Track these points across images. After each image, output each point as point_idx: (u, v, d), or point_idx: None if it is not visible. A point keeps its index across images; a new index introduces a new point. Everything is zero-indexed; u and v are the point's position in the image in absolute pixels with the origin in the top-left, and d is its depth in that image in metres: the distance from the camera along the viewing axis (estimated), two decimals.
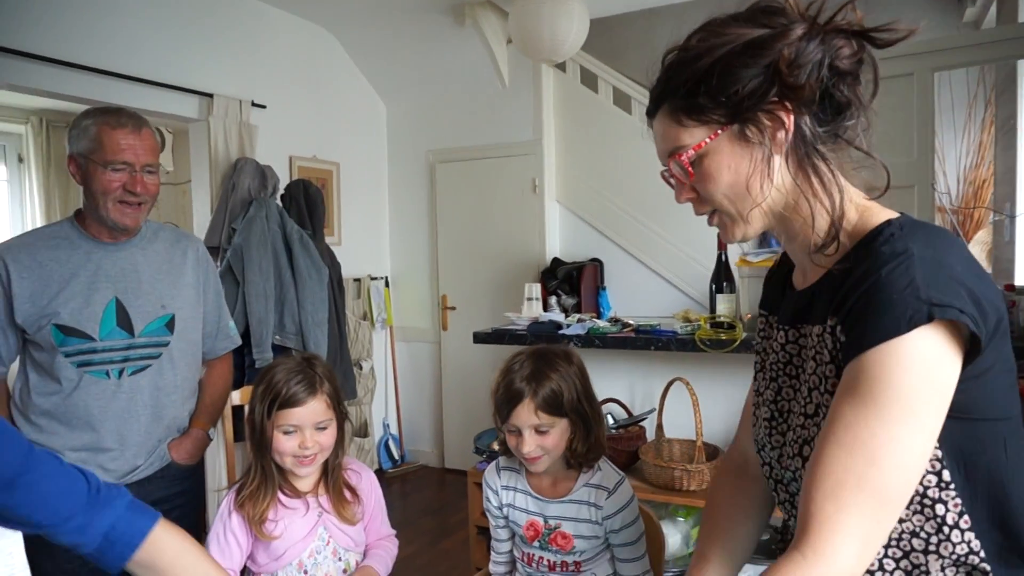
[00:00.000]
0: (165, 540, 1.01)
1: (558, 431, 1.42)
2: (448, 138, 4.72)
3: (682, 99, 0.84)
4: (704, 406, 2.16)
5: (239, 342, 2.03)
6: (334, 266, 3.85)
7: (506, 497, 1.56)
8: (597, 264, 4.30)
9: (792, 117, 0.80)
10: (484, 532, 2.24)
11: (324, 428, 1.47)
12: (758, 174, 0.82)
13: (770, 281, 1.04)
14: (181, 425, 1.81)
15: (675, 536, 2.23)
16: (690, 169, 0.85)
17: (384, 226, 4.97)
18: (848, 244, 0.82)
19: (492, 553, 1.67)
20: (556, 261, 4.32)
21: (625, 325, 2.41)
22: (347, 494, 1.54)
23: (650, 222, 4.24)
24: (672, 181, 0.90)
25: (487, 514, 1.62)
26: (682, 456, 2.28)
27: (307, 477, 1.51)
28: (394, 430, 4.87)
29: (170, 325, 1.75)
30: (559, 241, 4.50)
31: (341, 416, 1.51)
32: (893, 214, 0.83)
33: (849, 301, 0.76)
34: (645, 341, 2.24)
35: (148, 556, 0.99)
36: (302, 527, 1.48)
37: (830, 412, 0.76)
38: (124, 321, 1.68)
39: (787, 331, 0.92)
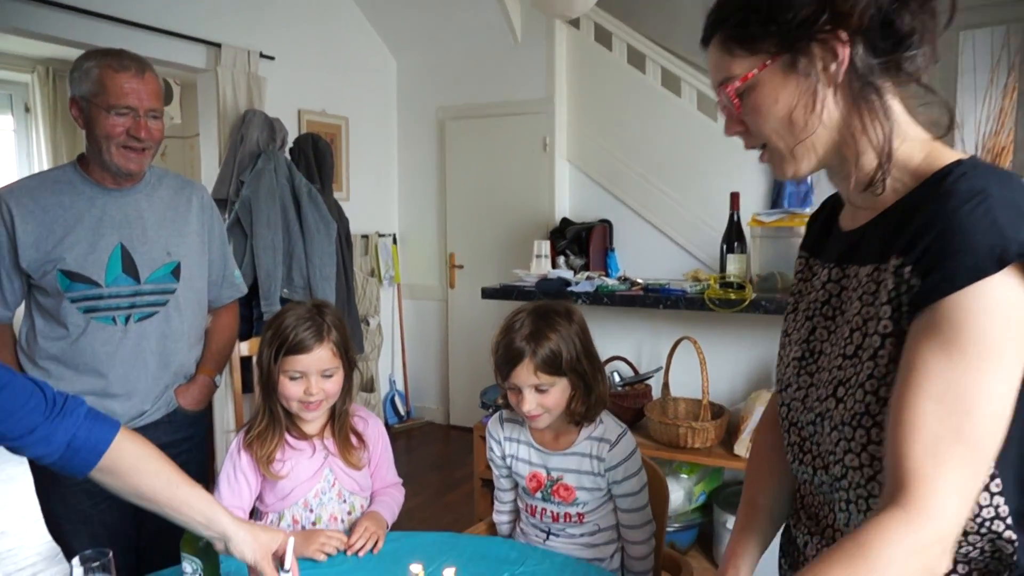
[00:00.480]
0: (127, 447, 1.09)
1: (558, 390, 1.42)
2: (459, 94, 4.66)
3: (733, 28, 0.81)
4: (711, 366, 2.16)
5: (245, 291, 2.03)
6: (342, 221, 3.84)
7: (509, 448, 1.58)
8: (606, 225, 4.27)
9: (847, 48, 0.76)
10: (488, 484, 2.27)
11: (330, 376, 1.48)
12: (808, 108, 0.79)
13: (813, 223, 1.01)
14: (188, 372, 1.82)
15: (678, 492, 2.25)
16: (736, 101, 0.82)
17: (393, 183, 4.94)
18: (911, 183, 0.79)
19: (496, 503, 1.69)
20: (565, 221, 4.30)
21: (634, 284, 2.40)
22: (353, 440, 1.55)
23: (661, 183, 4.19)
24: (723, 113, 0.88)
25: (491, 464, 1.64)
26: (687, 415, 2.29)
27: (314, 421, 1.53)
28: (400, 386, 4.91)
29: (176, 273, 1.75)
30: (569, 201, 4.47)
31: (349, 364, 1.52)
32: (961, 154, 0.79)
33: (922, 242, 0.72)
34: (654, 299, 2.23)
35: (111, 463, 1.07)
36: (308, 468, 1.51)
37: (909, 361, 0.72)
38: (130, 267, 1.67)
39: (831, 270, 0.89)
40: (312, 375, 1.45)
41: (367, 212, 4.64)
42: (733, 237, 2.31)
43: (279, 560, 1.14)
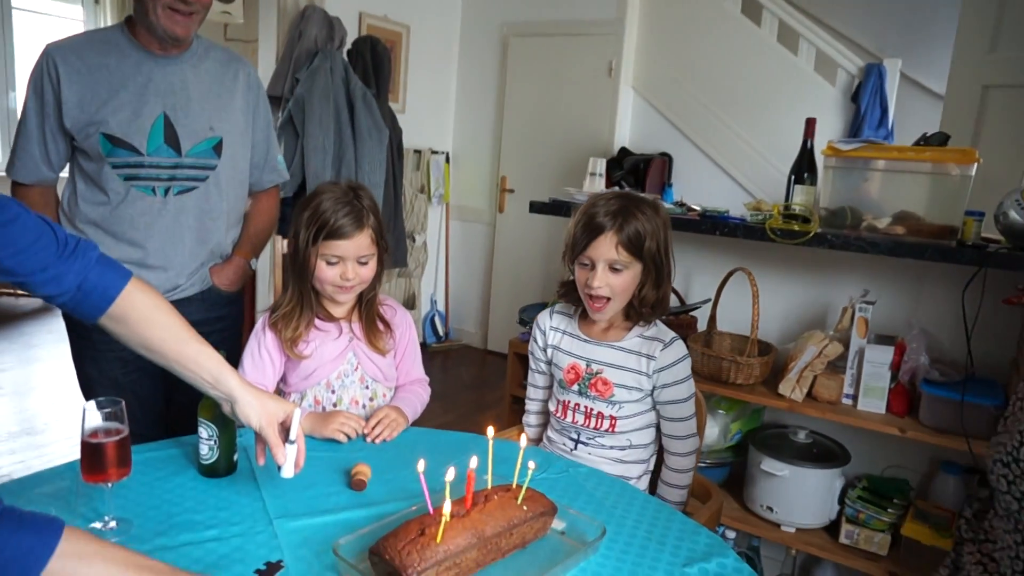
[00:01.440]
0: (138, 297, 1.07)
1: (631, 274, 1.39)
2: (525, 10, 4.45)
3: None
4: (763, 302, 2.04)
5: (287, 177, 1.99)
6: (395, 131, 3.76)
7: (553, 338, 1.56)
8: (666, 159, 4.08)
9: None
10: (519, 402, 2.23)
11: (366, 262, 1.44)
12: None
13: None
14: (224, 252, 1.80)
15: (713, 428, 2.17)
16: None
17: (450, 99, 4.82)
18: None
19: (526, 404, 1.66)
20: (624, 151, 4.13)
21: (690, 209, 2.27)
22: (379, 325, 1.52)
23: (729, 119, 3.97)
24: None
25: (530, 356, 1.62)
26: (732, 350, 2.19)
27: (343, 305, 1.50)
28: (441, 307, 4.90)
29: (218, 149, 1.70)
30: (629, 130, 4.28)
31: (382, 250, 1.47)
32: None
33: None
34: (710, 226, 2.10)
35: (121, 311, 1.05)
36: (332, 349, 1.48)
37: None
38: (172, 139, 1.63)
39: None
40: (349, 260, 1.42)
41: (421, 127, 4.54)
42: (804, 167, 2.14)
43: (286, 431, 1.11)
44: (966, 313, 1.84)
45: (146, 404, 1.72)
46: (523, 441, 1.10)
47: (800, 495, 2.05)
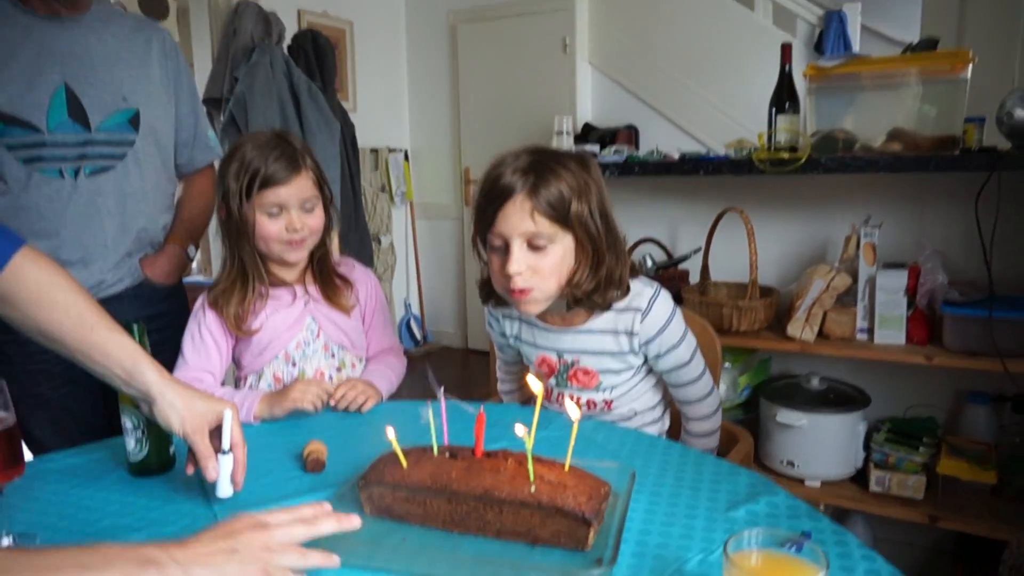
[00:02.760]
0: (30, 272, 0.87)
1: (559, 251, 1.07)
2: None
3: None
4: (758, 245, 1.87)
5: (220, 153, 1.77)
6: (347, 125, 3.56)
7: (510, 328, 1.29)
8: (632, 131, 3.94)
9: None
10: None
11: (311, 209, 1.25)
12: None
13: None
14: (155, 240, 1.58)
15: (719, 385, 2.00)
16: None
17: (403, 94, 4.64)
18: None
19: (499, 372, 1.47)
20: (587, 127, 3.97)
21: (666, 156, 2.10)
22: (337, 282, 1.32)
23: (693, 83, 3.83)
24: None
25: (490, 333, 1.38)
26: (729, 299, 2.02)
27: (293, 266, 1.30)
28: (415, 310, 4.69)
29: (134, 122, 1.49)
30: (591, 106, 4.14)
31: (326, 198, 1.28)
32: None
33: None
34: (693, 165, 1.93)
35: (8, 287, 0.86)
36: (287, 317, 1.29)
37: None
38: (77, 112, 1.42)
39: None
40: (293, 208, 1.23)
41: (376, 125, 4.35)
42: (784, 95, 1.99)
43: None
44: (980, 226, 1.69)
45: (84, 423, 1.49)
46: (535, 385, 0.85)
47: (822, 445, 1.88)
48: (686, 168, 1.94)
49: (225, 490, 0.86)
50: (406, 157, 4.59)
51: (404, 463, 0.81)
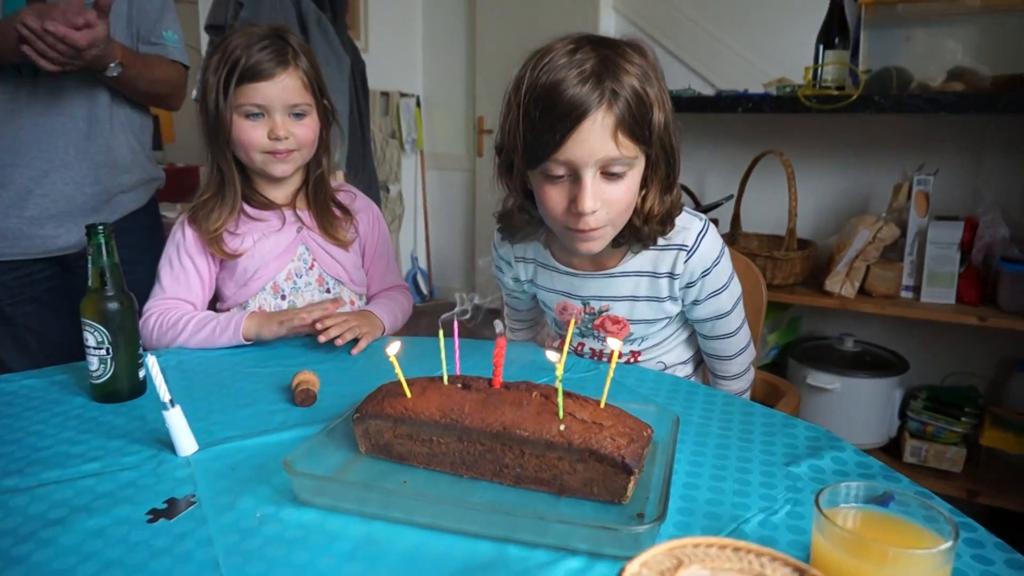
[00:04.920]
0: None
1: (635, 176, 0.88)
2: None
3: None
4: (798, 191, 1.72)
5: (175, 55, 1.50)
6: (357, 62, 3.38)
7: (524, 271, 1.10)
8: None
9: None
10: None
11: (301, 116, 1.09)
12: None
13: None
14: (122, 162, 1.40)
15: None
16: None
17: (417, 37, 4.43)
18: None
19: (508, 319, 1.27)
20: None
21: (698, 93, 1.94)
22: (335, 211, 1.18)
23: (724, 35, 3.60)
24: None
25: (499, 282, 1.19)
26: (763, 251, 1.87)
27: (283, 185, 1.16)
28: (423, 264, 4.56)
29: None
30: None
31: (325, 110, 1.13)
32: None
33: None
34: (731, 102, 1.77)
35: None
36: (275, 243, 1.14)
37: None
38: None
39: None
40: (276, 111, 1.07)
41: (388, 68, 4.15)
42: (834, 29, 1.81)
43: None
44: None
45: (51, 344, 1.36)
46: (552, 356, 0.66)
47: (855, 411, 1.76)
48: (722, 105, 1.78)
49: (187, 447, 0.72)
50: (418, 103, 4.41)
51: (408, 393, 0.68)
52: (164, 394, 0.71)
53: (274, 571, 0.54)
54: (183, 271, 1.13)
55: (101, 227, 0.83)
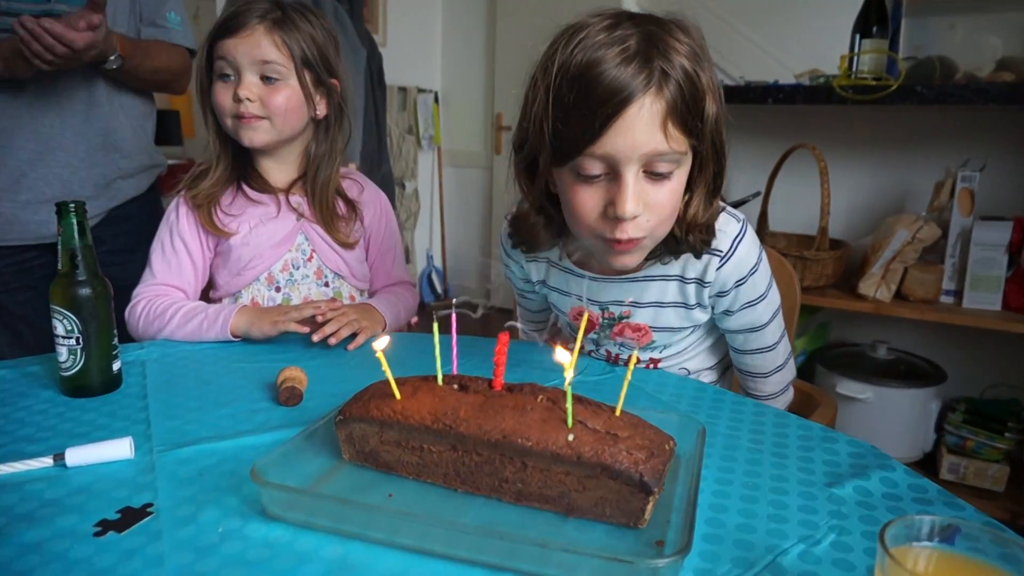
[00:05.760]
0: None
1: (681, 177, 0.76)
2: None
3: None
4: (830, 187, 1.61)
5: (181, 40, 1.46)
6: (374, 56, 3.32)
7: (535, 272, 0.99)
8: None
9: None
10: None
11: (274, 81, 1.01)
12: None
13: None
14: (123, 146, 1.34)
15: None
16: None
17: (436, 32, 4.37)
18: None
19: (521, 323, 1.17)
20: None
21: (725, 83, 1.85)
22: (339, 206, 1.10)
23: (749, 30, 3.51)
24: None
25: (508, 281, 1.08)
26: (792, 251, 1.77)
27: (279, 167, 1.09)
28: (438, 262, 4.49)
29: None
30: None
31: (319, 84, 1.05)
32: None
33: None
34: (760, 92, 1.67)
35: None
36: (273, 231, 1.07)
37: None
38: None
39: None
40: (245, 70, 1.00)
41: (406, 63, 4.09)
42: (872, 16, 1.71)
43: None
44: None
45: (45, 334, 1.30)
46: (564, 357, 0.57)
47: (887, 422, 1.65)
48: (751, 96, 1.68)
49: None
50: (436, 100, 4.34)
51: (397, 394, 0.60)
52: None
53: None
54: (175, 255, 1.06)
55: (73, 205, 0.76)
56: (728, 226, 0.86)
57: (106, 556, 0.50)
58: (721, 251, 0.85)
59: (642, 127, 0.70)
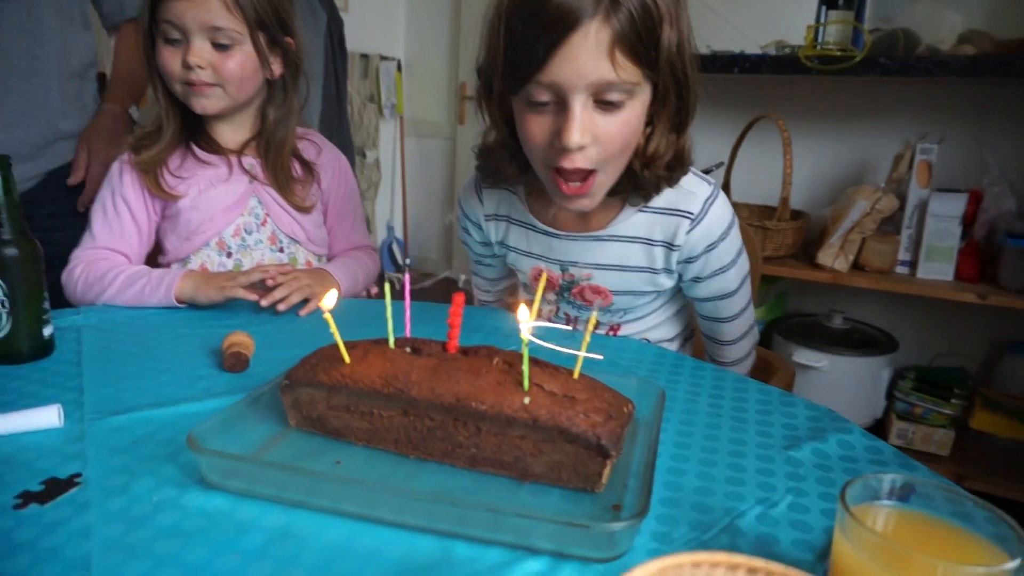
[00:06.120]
0: None
1: (636, 109, 0.73)
2: None
3: None
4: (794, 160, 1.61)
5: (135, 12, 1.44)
6: (335, 20, 3.21)
7: (495, 231, 0.96)
8: None
9: None
10: None
11: (226, 47, 0.95)
12: None
13: None
14: (61, 127, 1.27)
15: None
16: None
17: None
18: None
19: (475, 285, 1.15)
20: None
21: None
22: (296, 169, 1.05)
23: (725, 9, 3.49)
24: None
25: (465, 247, 1.07)
26: (754, 221, 1.78)
27: (230, 127, 1.03)
28: (399, 233, 4.43)
29: None
30: None
31: (271, 43, 1.00)
32: None
33: None
34: (727, 61, 1.66)
35: None
36: (224, 193, 1.02)
37: None
38: None
39: None
40: (194, 36, 0.94)
41: (368, 29, 3.98)
42: None
43: None
44: None
45: None
46: (524, 314, 0.53)
47: (840, 390, 1.68)
48: (718, 65, 1.67)
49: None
50: (399, 68, 4.24)
51: (347, 358, 0.58)
52: None
53: (159, 572, 0.43)
54: (117, 217, 1.01)
55: None
56: (699, 188, 0.84)
57: (27, 529, 0.47)
58: (692, 213, 0.83)
59: (587, 55, 0.68)
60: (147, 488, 0.52)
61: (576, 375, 0.56)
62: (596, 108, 0.71)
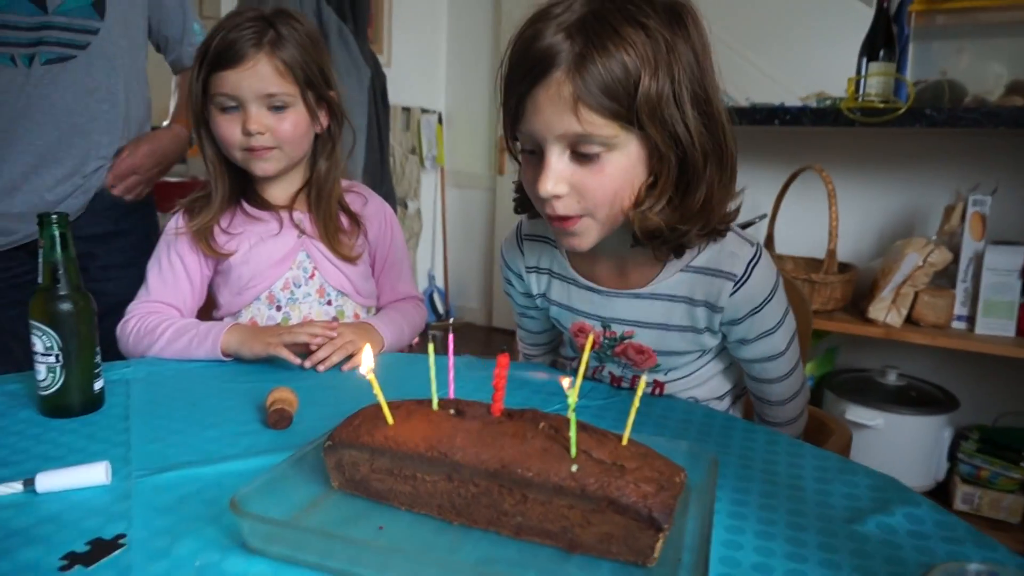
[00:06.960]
0: None
1: (620, 162, 0.70)
2: None
3: None
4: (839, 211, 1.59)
5: None
6: (378, 75, 3.32)
7: (536, 284, 0.95)
8: None
9: None
10: None
11: (281, 108, 0.98)
12: None
13: None
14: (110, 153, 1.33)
15: None
16: None
17: (441, 53, 4.39)
18: None
19: (522, 345, 1.12)
20: None
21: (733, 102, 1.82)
22: (342, 220, 1.07)
23: (755, 56, 3.50)
24: None
25: (508, 298, 1.05)
26: (800, 274, 1.74)
27: (280, 185, 1.06)
28: (440, 283, 4.46)
29: (98, 7, 1.25)
30: None
31: (320, 102, 1.03)
32: None
33: None
34: (767, 114, 1.65)
35: None
36: (273, 248, 1.04)
37: None
38: None
39: None
40: (250, 103, 0.97)
41: (410, 83, 4.10)
42: (880, 39, 1.69)
43: None
44: None
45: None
46: (567, 384, 0.51)
47: (898, 451, 1.60)
48: (758, 118, 1.66)
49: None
50: (440, 120, 4.35)
51: (390, 419, 0.57)
52: None
53: None
54: (171, 271, 1.03)
55: (56, 216, 0.73)
56: (742, 249, 0.81)
57: None
58: (735, 275, 0.80)
59: (552, 107, 0.67)
60: (190, 551, 0.51)
61: (625, 441, 0.54)
62: (573, 159, 0.70)
